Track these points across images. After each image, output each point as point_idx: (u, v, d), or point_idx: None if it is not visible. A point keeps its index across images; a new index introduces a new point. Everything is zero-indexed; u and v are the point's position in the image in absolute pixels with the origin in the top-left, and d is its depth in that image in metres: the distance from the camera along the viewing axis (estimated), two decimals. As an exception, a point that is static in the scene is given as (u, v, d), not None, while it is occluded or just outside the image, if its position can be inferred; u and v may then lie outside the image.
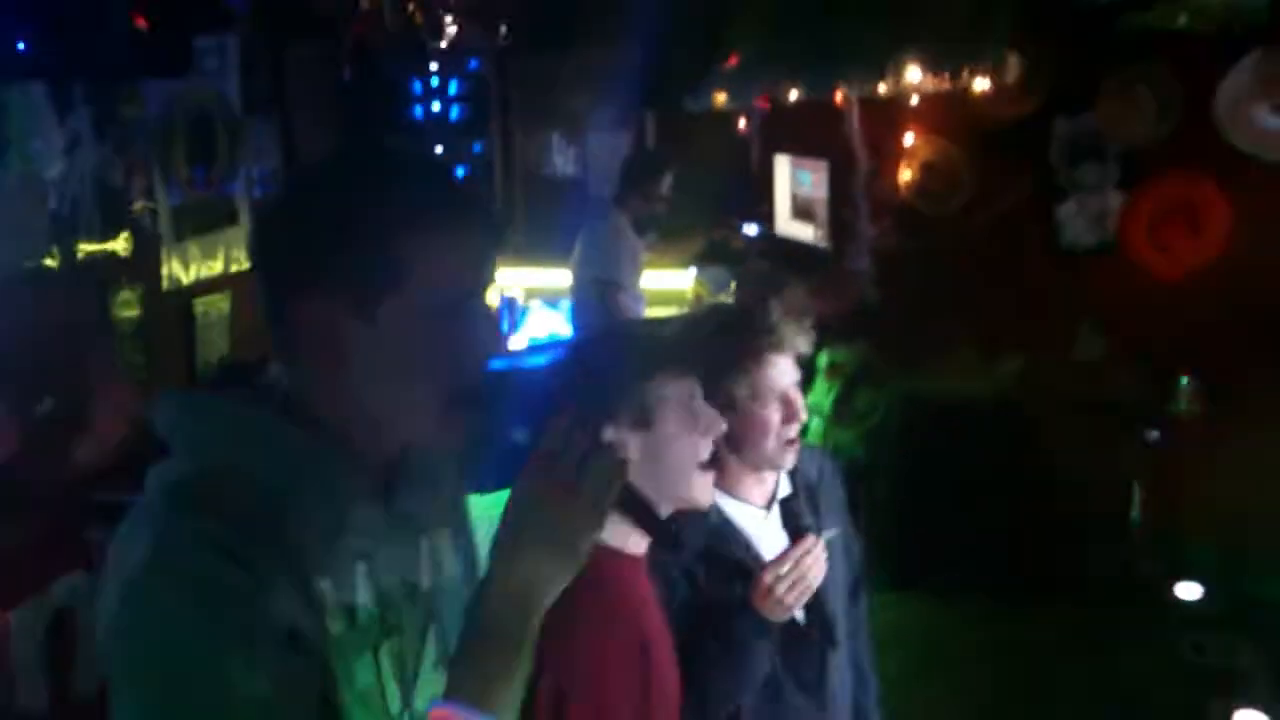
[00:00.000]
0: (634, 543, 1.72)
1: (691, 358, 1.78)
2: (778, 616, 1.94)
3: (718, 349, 1.99)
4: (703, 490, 1.74)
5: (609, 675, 1.60)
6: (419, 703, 1.20)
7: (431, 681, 1.21)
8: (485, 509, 1.37)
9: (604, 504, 1.13)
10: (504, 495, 1.18)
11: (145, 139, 4.14)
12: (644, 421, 1.68)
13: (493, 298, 4.99)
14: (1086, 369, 5.31)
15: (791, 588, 1.92)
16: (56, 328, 3.60)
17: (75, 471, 3.42)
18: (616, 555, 1.68)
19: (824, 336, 5.42)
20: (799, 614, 2.04)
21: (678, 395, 1.71)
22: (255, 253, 1.19)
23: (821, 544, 1.97)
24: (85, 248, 3.80)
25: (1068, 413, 5.16)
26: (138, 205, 4.09)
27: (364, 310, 1.13)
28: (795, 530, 2.09)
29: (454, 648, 1.16)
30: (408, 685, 1.22)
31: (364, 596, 1.18)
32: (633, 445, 1.67)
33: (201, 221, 4.42)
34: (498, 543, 1.14)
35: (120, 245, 3.97)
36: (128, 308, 4.03)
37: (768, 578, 1.92)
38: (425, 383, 1.16)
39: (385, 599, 1.20)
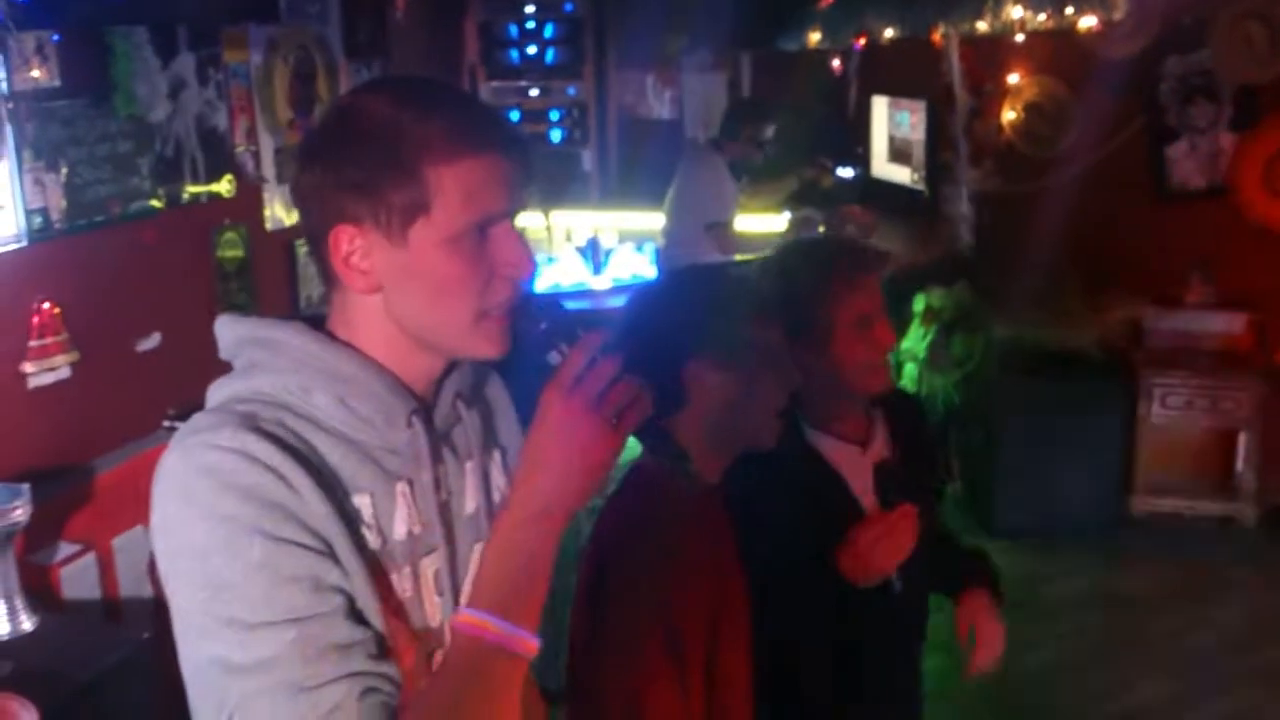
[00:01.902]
0: (705, 470, 1.73)
1: (774, 297, 1.77)
2: (864, 581, 1.91)
3: (800, 280, 1.98)
4: (772, 435, 1.74)
5: (684, 605, 1.61)
6: None
7: None
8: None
9: (626, 428, 1.12)
10: None
11: (248, 83, 4.22)
12: (727, 364, 1.69)
13: (581, 235, 4.95)
14: (1193, 316, 5.17)
15: (885, 552, 1.88)
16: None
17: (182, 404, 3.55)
18: (687, 484, 1.69)
19: (921, 280, 5.39)
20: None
21: (763, 341, 1.71)
22: (293, 189, 1.22)
23: (914, 511, 1.91)
24: (190, 189, 3.90)
25: (1171, 361, 5.04)
26: (240, 148, 4.18)
27: (394, 236, 1.17)
28: (887, 474, 2.06)
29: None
30: (448, 600, 1.26)
31: (403, 515, 1.22)
32: (712, 384, 1.69)
33: (302, 164, 4.50)
34: (520, 459, 1.15)
35: (224, 187, 4.07)
36: (232, 248, 4.14)
37: (861, 541, 1.89)
38: (458, 302, 1.18)
39: (427, 518, 1.25)
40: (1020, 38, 5.12)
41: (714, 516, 1.76)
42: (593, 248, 5.67)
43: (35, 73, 3.16)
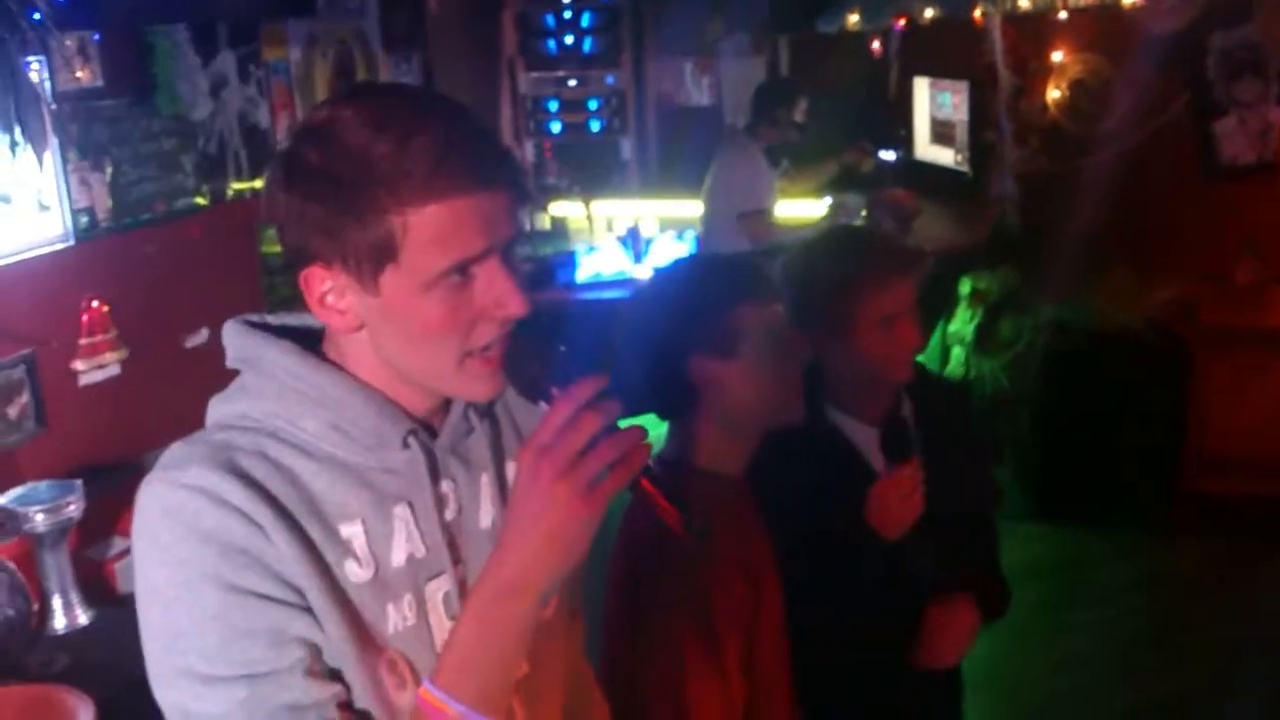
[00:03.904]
0: (731, 462, 1.73)
1: (781, 284, 1.77)
2: (889, 534, 1.93)
3: (827, 272, 1.97)
4: (793, 411, 1.73)
5: (722, 608, 1.61)
6: None
7: None
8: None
9: (605, 493, 1.02)
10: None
11: (288, 79, 4.25)
12: (729, 350, 1.68)
13: (621, 225, 4.88)
14: (1244, 294, 5.09)
15: (901, 505, 1.92)
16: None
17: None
18: (713, 478, 1.69)
19: (967, 263, 5.34)
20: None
21: (763, 324, 1.70)
22: (266, 210, 1.14)
23: (917, 465, 1.94)
24: (234, 186, 3.94)
25: (1223, 339, 4.96)
26: (283, 144, 4.21)
27: (364, 282, 1.09)
28: (906, 451, 2.04)
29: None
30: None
31: (401, 539, 1.16)
32: (719, 374, 1.68)
33: (344, 159, 4.53)
34: (500, 527, 1.07)
35: (267, 183, 4.11)
36: (275, 243, 4.17)
37: (879, 494, 1.92)
38: (439, 347, 1.12)
39: (431, 540, 1.18)
40: (1063, 15, 5.05)
41: (743, 511, 1.75)
42: (633, 236, 5.67)
43: (78, 73, 3.20)
